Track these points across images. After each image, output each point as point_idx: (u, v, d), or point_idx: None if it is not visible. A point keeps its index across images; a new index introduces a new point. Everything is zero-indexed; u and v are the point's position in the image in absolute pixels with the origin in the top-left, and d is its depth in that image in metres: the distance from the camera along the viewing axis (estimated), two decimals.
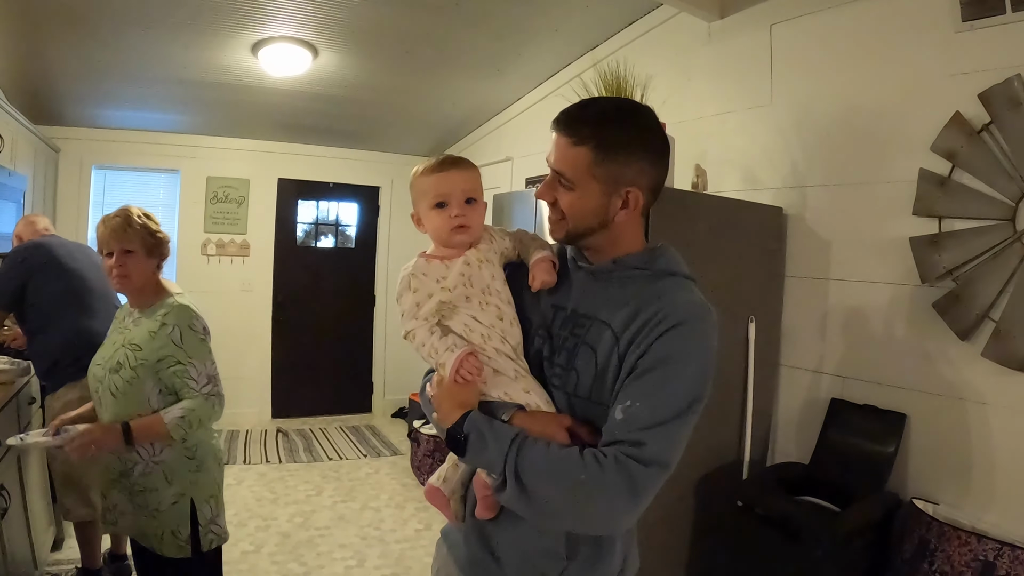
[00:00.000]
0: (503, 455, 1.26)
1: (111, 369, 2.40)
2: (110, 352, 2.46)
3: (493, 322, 1.41)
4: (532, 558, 1.39)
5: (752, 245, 3.29)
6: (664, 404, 1.23)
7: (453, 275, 1.42)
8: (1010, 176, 2.55)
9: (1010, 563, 2.31)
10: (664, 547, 2.97)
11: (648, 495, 1.22)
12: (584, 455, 1.22)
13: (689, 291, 1.37)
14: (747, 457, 3.23)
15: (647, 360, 1.26)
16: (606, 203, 1.36)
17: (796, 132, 3.40)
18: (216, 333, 6.94)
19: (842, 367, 3.18)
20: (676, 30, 4.11)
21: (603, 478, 1.19)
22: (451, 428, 1.35)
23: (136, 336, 2.42)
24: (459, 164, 1.48)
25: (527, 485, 1.24)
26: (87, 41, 4.45)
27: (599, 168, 1.34)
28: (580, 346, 1.37)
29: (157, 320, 2.42)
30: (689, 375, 1.26)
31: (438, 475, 1.57)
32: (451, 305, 1.41)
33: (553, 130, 1.40)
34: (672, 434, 1.24)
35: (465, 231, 1.45)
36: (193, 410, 2.37)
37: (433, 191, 1.46)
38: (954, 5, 2.73)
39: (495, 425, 1.31)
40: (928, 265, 2.80)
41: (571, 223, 1.39)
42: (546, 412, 1.37)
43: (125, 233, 2.43)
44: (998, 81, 2.58)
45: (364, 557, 4.18)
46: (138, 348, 2.38)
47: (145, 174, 6.68)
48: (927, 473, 2.83)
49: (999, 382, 2.61)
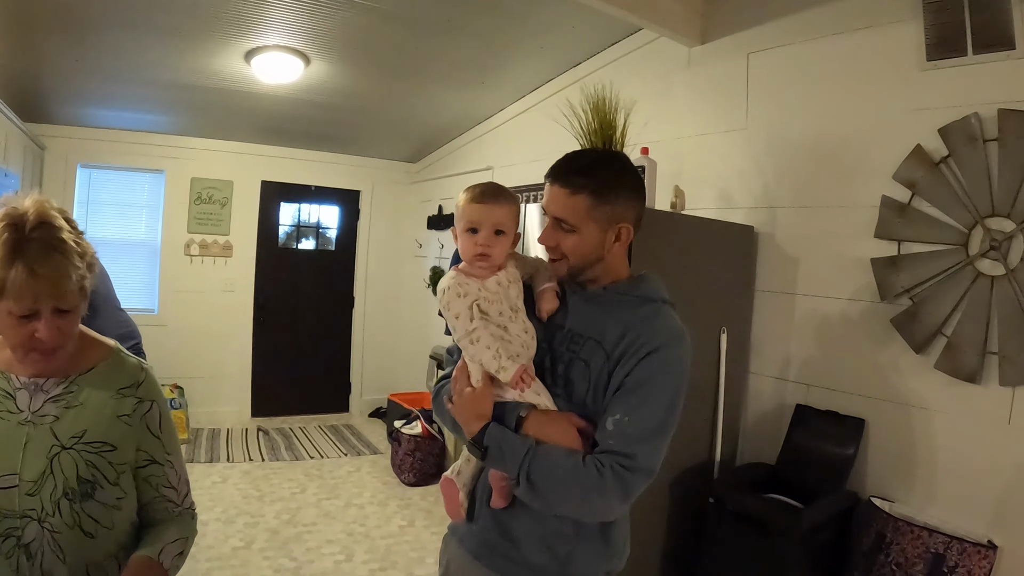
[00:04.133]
0: (518, 465, 1.51)
1: (71, 495, 1.46)
2: (36, 467, 1.45)
3: (518, 334, 1.62)
4: (546, 538, 1.62)
5: (725, 261, 3.49)
6: (649, 418, 1.51)
7: (491, 290, 1.63)
8: (964, 206, 2.79)
9: (958, 555, 2.57)
10: (641, 542, 3.14)
11: (637, 495, 1.51)
12: (587, 464, 1.48)
13: (668, 317, 1.64)
14: (718, 458, 3.43)
15: (632, 380, 1.53)
16: (603, 239, 1.63)
17: (769, 156, 3.61)
18: (198, 332, 7.00)
19: (806, 375, 3.40)
20: (657, 53, 4.30)
21: (603, 485, 1.46)
22: (473, 439, 1.58)
23: (87, 424, 1.51)
24: (498, 197, 1.66)
25: (538, 487, 1.50)
26: (80, 41, 4.49)
27: (596, 211, 1.61)
28: (575, 361, 1.62)
29: (125, 396, 1.58)
30: (668, 393, 1.55)
31: (453, 469, 1.77)
32: (485, 314, 1.61)
33: (548, 182, 1.66)
34: (657, 445, 1.53)
35: (484, 259, 1.64)
36: (187, 540, 1.66)
37: (468, 217, 1.65)
38: (920, 45, 2.96)
39: (511, 438, 1.54)
40: (887, 284, 3.04)
41: (573, 261, 1.65)
42: (557, 411, 1.60)
43: (64, 284, 1.39)
44: (957, 118, 2.82)
45: (352, 552, 4.33)
46: (109, 447, 1.52)
47: (130, 174, 6.74)
48: (884, 474, 3.06)
49: (950, 392, 2.84)
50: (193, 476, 5.23)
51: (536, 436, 1.53)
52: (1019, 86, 2.67)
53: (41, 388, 1.51)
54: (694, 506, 3.21)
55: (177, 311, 6.81)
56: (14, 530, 1.42)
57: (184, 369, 6.74)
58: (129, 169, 6.71)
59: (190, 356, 6.85)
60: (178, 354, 6.68)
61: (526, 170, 5.37)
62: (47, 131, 6.14)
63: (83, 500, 1.47)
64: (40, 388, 1.51)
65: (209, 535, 4.35)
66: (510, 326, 1.62)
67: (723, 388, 3.42)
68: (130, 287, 6.50)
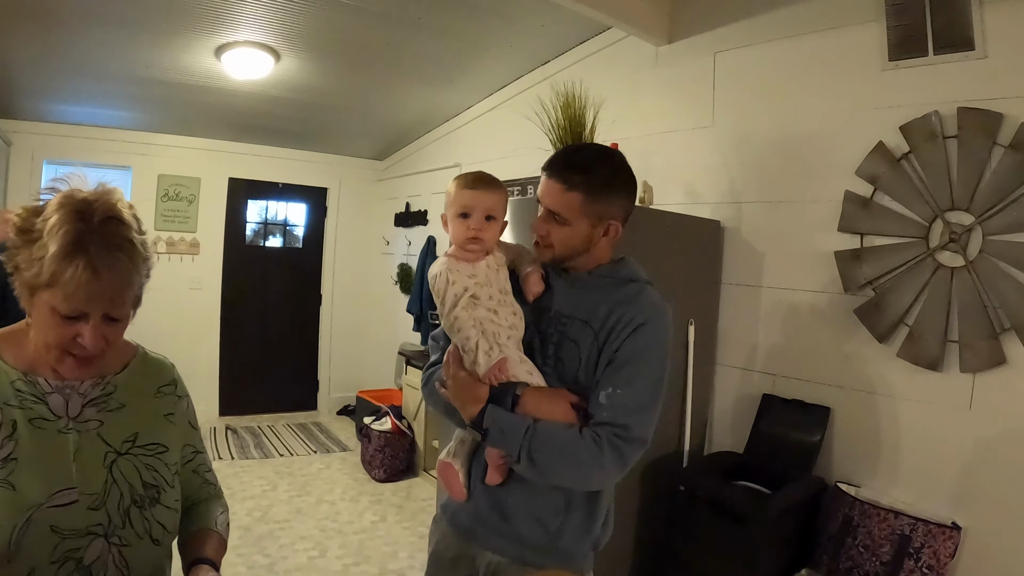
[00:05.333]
0: (518, 444, 1.57)
1: (140, 503, 1.36)
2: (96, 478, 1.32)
3: (507, 316, 1.69)
4: (537, 512, 1.69)
5: (692, 255, 3.56)
6: (640, 391, 1.61)
7: (481, 274, 1.69)
8: (925, 200, 2.88)
9: (923, 536, 2.66)
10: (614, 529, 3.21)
11: (633, 463, 1.59)
12: (584, 437, 1.56)
13: (651, 294, 1.74)
14: (687, 447, 3.50)
15: (622, 354, 1.61)
16: (591, 234, 1.71)
17: (735, 152, 3.69)
18: (165, 331, 6.99)
19: (773, 365, 3.48)
20: (626, 52, 4.37)
21: (601, 457, 1.54)
22: (472, 421, 1.63)
23: (137, 426, 1.42)
24: (489, 185, 1.74)
25: (539, 462, 1.56)
26: (45, 35, 4.45)
27: (588, 208, 1.68)
28: (565, 341, 1.70)
29: (166, 395, 1.52)
30: (655, 364, 1.65)
31: (447, 452, 1.82)
32: (476, 299, 1.67)
33: (545, 175, 1.72)
34: (649, 414, 1.62)
35: (478, 243, 1.71)
36: (227, 511, 1.63)
37: (460, 202, 1.72)
38: (882, 45, 3.05)
39: (509, 418, 1.60)
40: (851, 276, 3.12)
41: (558, 250, 1.72)
42: (550, 387, 1.68)
43: (125, 292, 1.29)
44: (918, 116, 2.91)
45: (325, 548, 4.35)
46: (163, 448, 1.44)
47: (97, 170, 6.57)
48: (850, 460, 3.14)
49: (911, 379, 2.93)
50: None
51: (533, 413, 1.59)
52: (978, 85, 2.76)
53: (77, 391, 1.35)
54: (665, 494, 3.26)
55: (143, 309, 6.42)
56: (74, 552, 1.25)
57: None
58: (96, 165, 6.59)
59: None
60: None
61: (495, 167, 5.27)
62: (12, 127, 6.08)
63: (152, 506, 1.36)
64: (76, 391, 1.35)
65: None
66: (500, 309, 1.68)
67: (691, 379, 3.49)
68: None
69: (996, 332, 2.67)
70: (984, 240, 2.72)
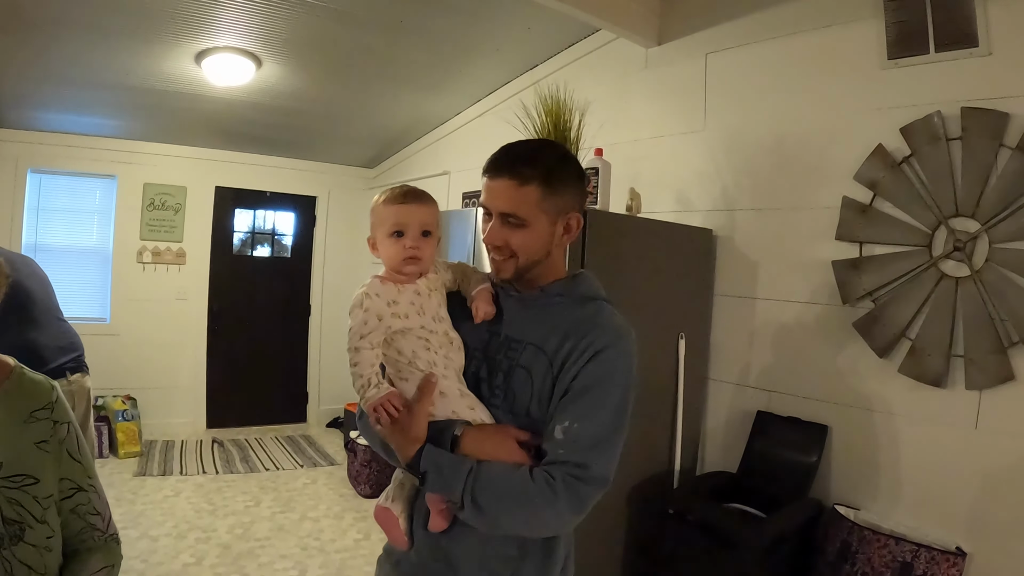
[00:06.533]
0: (461, 485, 1.38)
1: None
2: None
3: (441, 345, 1.52)
4: (487, 562, 1.49)
5: (683, 265, 3.43)
6: (600, 423, 1.41)
7: (404, 303, 1.52)
8: (927, 206, 2.75)
9: (926, 563, 2.51)
10: (598, 553, 3.08)
11: (591, 506, 1.39)
12: (535, 478, 1.37)
13: (611, 315, 1.53)
14: (678, 466, 3.36)
15: (579, 383, 1.42)
16: (552, 232, 1.52)
17: (727, 157, 3.56)
18: (151, 342, 6.84)
19: (768, 381, 3.34)
20: (614, 54, 4.25)
21: (555, 500, 1.35)
22: (408, 463, 1.45)
23: (3, 456, 1.31)
24: (420, 198, 1.57)
25: (485, 508, 1.37)
26: (26, 43, 4.37)
27: (546, 201, 1.49)
28: (515, 368, 1.51)
29: (39, 420, 1.38)
30: (616, 394, 1.44)
31: (385, 495, 1.63)
32: (404, 330, 1.50)
33: (489, 176, 1.53)
34: (610, 451, 1.43)
35: (416, 262, 1.54)
36: (112, 568, 1.47)
37: (391, 220, 1.55)
38: (881, 44, 2.93)
39: (449, 459, 1.42)
40: (849, 287, 2.98)
41: (522, 259, 1.52)
42: (494, 424, 1.49)
43: None
44: (919, 116, 2.78)
45: (305, 568, 4.19)
46: (32, 480, 1.32)
47: (81, 179, 6.56)
48: (848, 481, 3.01)
49: (913, 396, 2.80)
50: (145, 490, 5.17)
51: (475, 455, 1.42)
52: (983, 83, 2.64)
53: None
54: (654, 517, 3.13)
55: (130, 320, 6.63)
56: None
57: (137, 380, 6.57)
58: (80, 174, 6.52)
59: (143, 366, 6.67)
60: (131, 364, 6.52)
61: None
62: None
63: (12, 544, 1.25)
64: None
65: (159, 551, 4.19)
66: (431, 338, 1.52)
67: (682, 395, 3.35)
68: (82, 295, 6.41)
69: (1004, 346, 2.54)
70: (991, 248, 2.60)
